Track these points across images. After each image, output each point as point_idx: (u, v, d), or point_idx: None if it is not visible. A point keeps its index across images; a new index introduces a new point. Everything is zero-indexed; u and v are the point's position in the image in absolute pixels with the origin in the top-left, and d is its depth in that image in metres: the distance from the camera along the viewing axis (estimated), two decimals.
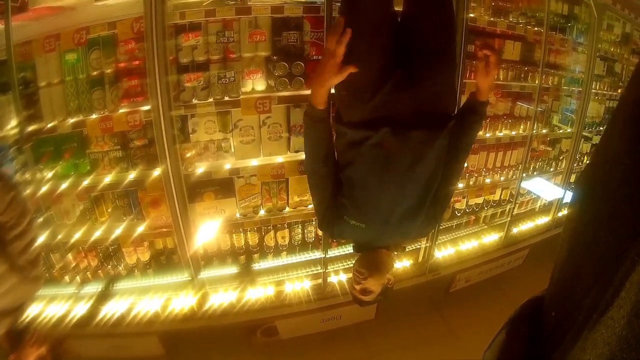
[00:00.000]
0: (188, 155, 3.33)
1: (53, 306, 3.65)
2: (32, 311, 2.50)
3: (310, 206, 3.82)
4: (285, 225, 3.98)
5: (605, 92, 5.68)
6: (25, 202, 2.29)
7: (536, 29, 4.33)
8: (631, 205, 0.66)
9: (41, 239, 3.34)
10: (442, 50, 2.50)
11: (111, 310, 3.71)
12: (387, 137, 2.33)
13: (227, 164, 3.49)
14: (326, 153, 2.54)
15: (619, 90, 5.81)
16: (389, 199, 2.53)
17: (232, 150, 3.54)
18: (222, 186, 3.58)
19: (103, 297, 3.73)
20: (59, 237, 3.48)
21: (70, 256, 3.69)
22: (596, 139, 5.94)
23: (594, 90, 5.27)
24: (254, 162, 3.53)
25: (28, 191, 3.19)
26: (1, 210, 2.16)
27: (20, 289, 2.25)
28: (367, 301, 2.86)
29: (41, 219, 3.38)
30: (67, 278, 3.77)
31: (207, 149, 3.47)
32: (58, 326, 3.57)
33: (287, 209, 3.84)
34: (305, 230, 4.11)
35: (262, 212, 3.79)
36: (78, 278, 3.79)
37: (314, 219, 4.00)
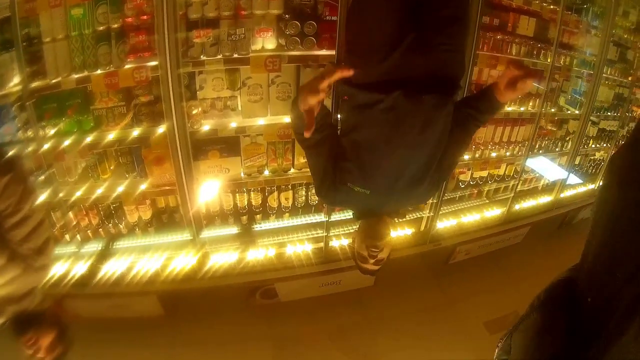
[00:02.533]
0: (194, 112, 3.31)
1: (53, 266, 3.61)
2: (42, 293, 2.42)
3: None
4: (290, 186, 3.98)
5: (616, 77, 5.65)
6: (26, 186, 2.18)
7: (552, 7, 4.26)
8: None
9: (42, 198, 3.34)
10: (456, 16, 2.47)
11: (111, 269, 3.73)
12: (400, 100, 2.32)
13: (234, 123, 3.47)
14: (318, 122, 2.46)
15: (630, 78, 5.81)
16: (397, 163, 2.51)
17: (240, 108, 3.53)
18: (227, 144, 3.56)
19: (103, 255, 3.73)
20: (60, 195, 3.46)
21: (71, 214, 3.68)
22: (603, 124, 5.98)
23: (604, 75, 5.24)
24: (261, 122, 3.51)
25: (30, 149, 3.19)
26: None
27: (24, 278, 2.20)
28: (378, 269, 2.88)
29: (42, 177, 3.37)
30: (67, 237, 3.77)
31: (213, 107, 3.46)
32: (58, 285, 3.57)
33: (292, 170, 3.83)
34: (309, 193, 4.11)
35: (266, 173, 3.78)
36: (79, 237, 3.79)
37: None
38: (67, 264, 3.67)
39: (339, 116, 3.08)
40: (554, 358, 0.91)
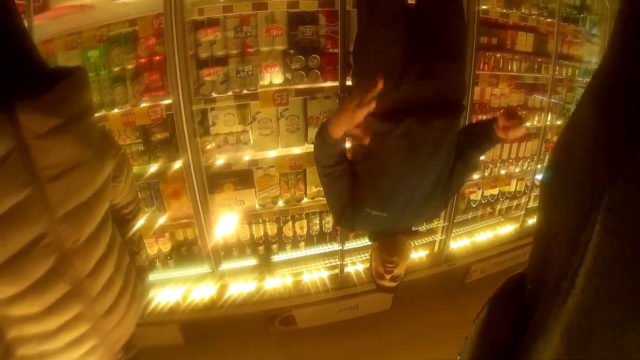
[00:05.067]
0: (208, 147, 3.42)
1: None
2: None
3: None
4: (304, 215, 4.04)
5: None
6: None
7: (549, 20, 4.33)
8: (593, 169, 0.69)
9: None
10: (455, 40, 2.61)
11: None
12: (412, 126, 2.42)
13: (246, 156, 3.57)
14: (337, 161, 2.57)
15: None
16: (411, 186, 2.61)
17: (251, 142, 3.61)
18: (241, 177, 3.64)
19: None
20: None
21: None
22: None
23: None
24: (272, 154, 3.61)
25: None
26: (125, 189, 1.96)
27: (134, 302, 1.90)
28: (396, 286, 2.95)
29: None
30: None
31: (226, 141, 3.55)
32: None
33: (305, 199, 3.90)
34: (323, 221, 4.16)
35: (280, 203, 3.85)
36: None
37: None
38: None
39: (348, 145, 3.17)
40: (496, 349, 0.94)
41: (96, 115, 3.09)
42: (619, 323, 0.57)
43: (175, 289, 3.85)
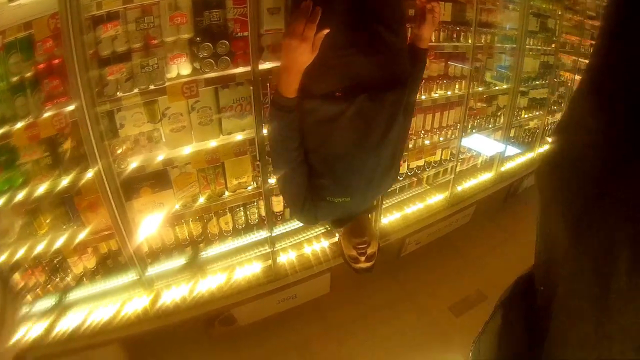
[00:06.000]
0: (119, 151, 3.26)
1: None
2: None
3: (250, 188, 3.83)
4: (227, 210, 3.97)
5: (539, 47, 5.92)
6: None
7: None
8: (594, 165, 0.67)
9: None
10: (398, 13, 2.55)
11: (66, 323, 3.63)
12: (365, 103, 2.36)
13: (160, 155, 3.42)
14: (299, 142, 2.48)
15: (553, 45, 6.13)
16: (371, 163, 2.57)
17: (164, 140, 3.48)
18: (157, 179, 3.52)
19: (57, 313, 3.65)
20: (2, 258, 3.35)
21: (17, 275, 3.58)
22: (533, 93, 6.28)
23: (528, 47, 5.47)
24: (187, 150, 3.48)
25: None
26: None
27: None
28: (373, 265, 2.95)
29: None
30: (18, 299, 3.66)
31: (137, 143, 3.39)
32: (12, 349, 3.46)
33: (227, 193, 3.81)
34: (248, 212, 4.11)
35: (201, 200, 3.75)
36: (29, 297, 3.68)
37: (255, 200, 4.03)
38: (23, 327, 3.54)
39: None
40: (515, 357, 0.92)
41: None
42: None
43: (108, 306, 3.74)
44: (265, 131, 3.38)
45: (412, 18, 2.64)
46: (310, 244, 4.31)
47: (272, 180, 3.76)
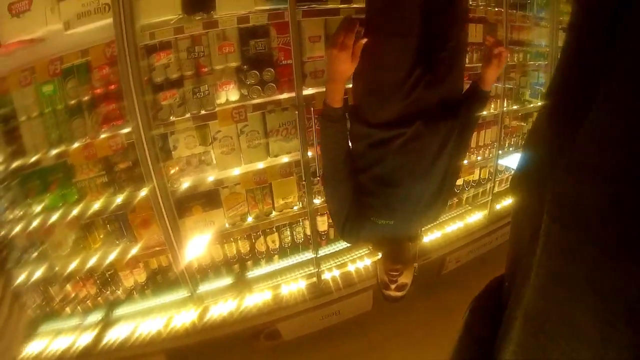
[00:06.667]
0: (172, 172, 3.40)
1: (58, 340, 3.65)
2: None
3: (296, 207, 3.92)
4: (274, 229, 4.05)
5: None
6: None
7: (496, 9, 4.39)
8: (544, 161, 0.72)
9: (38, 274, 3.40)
10: (461, 43, 2.61)
11: (114, 335, 3.72)
12: (420, 130, 2.37)
13: (211, 176, 3.54)
14: (346, 154, 2.53)
15: None
16: (418, 189, 2.57)
17: (214, 162, 3.60)
18: (208, 198, 3.64)
19: (106, 324, 3.76)
20: (56, 269, 3.49)
21: (69, 287, 3.72)
22: None
23: None
24: (236, 171, 3.61)
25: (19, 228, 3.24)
26: None
27: None
28: (402, 296, 2.90)
29: (36, 254, 3.42)
30: (68, 310, 3.80)
31: (189, 164, 3.52)
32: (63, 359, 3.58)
33: (274, 212, 3.90)
34: (294, 232, 4.20)
35: (249, 219, 3.85)
36: (79, 308, 3.81)
37: (300, 219, 4.09)
38: (72, 337, 3.67)
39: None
40: (477, 344, 0.96)
41: (56, 151, 3.09)
42: (569, 304, 0.60)
43: (157, 319, 3.81)
44: (310, 153, 3.45)
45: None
46: (354, 263, 4.32)
47: (317, 201, 3.86)
